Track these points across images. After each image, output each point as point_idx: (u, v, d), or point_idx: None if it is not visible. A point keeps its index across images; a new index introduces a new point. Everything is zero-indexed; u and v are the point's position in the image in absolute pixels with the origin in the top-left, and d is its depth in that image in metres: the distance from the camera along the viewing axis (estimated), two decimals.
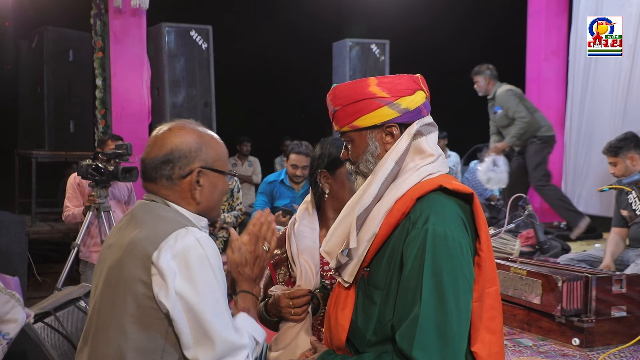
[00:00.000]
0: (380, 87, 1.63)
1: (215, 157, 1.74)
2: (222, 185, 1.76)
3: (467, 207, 1.59)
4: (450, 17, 9.14)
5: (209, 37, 6.47)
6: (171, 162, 1.69)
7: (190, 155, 1.69)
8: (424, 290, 1.44)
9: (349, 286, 1.64)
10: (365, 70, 7.21)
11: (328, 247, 1.69)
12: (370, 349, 1.56)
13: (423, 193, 1.55)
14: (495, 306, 1.57)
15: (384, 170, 1.59)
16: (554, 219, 7.09)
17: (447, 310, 1.44)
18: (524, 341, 2.75)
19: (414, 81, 1.66)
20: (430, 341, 1.42)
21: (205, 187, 1.71)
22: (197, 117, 6.45)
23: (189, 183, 1.69)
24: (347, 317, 1.61)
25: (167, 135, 1.73)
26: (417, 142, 1.62)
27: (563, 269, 2.97)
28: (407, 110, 1.63)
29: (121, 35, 6.03)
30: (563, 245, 5.07)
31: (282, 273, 2.24)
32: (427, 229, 1.49)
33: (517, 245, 4.41)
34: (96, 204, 4.43)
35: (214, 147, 1.75)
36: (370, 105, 1.62)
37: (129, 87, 6.09)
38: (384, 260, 1.57)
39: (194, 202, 1.71)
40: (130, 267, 1.58)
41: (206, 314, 1.54)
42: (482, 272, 1.55)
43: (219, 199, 1.77)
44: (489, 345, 1.53)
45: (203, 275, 1.56)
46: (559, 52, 7.28)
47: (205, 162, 1.71)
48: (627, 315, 2.76)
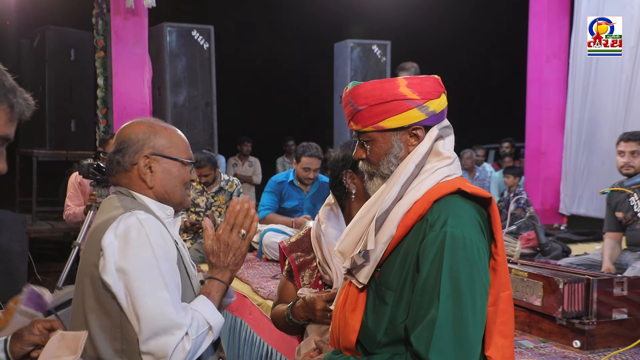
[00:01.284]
0: (411, 89, 1.59)
1: (167, 144, 1.85)
2: (177, 172, 1.86)
3: (484, 211, 1.58)
4: (452, 19, 9.15)
5: (210, 37, 6.48)
6: (121, 151, 1.83)
7: (138, 144, 1.83)
8: (441, 293, 1.44)
9: (362, 287, 1.62)
10: (366, 71, 7.22)
11: (342, 247, 1.67)
12: (381, 350, 1.55)
13: (441, 195, 1.54)
14: (508, 310, 1.57)
15: (405, 173, 1.58)
16: (554, 221, 7.09)
17: (463, 314, 1.43)
18: (524, 343, 2.75)
19: (439, 83, 1.65)
20: (446, 345, 1.41)
21: (157, 173, 1.83)
22: (198, 117, 6.46)
23: (139, 168, 1.83)
24: (357, 319, 1.60)
25: (121, 129, 1.89)
26: (436, 145, 1.62)
27: (564, 271, 2.97)
28: (434, 112, 1.61)
29: (123, 34, 6.03)
30: (564, 247, 5.06)
31: (306, 276, 2.24)
32: (445, 232, 1.48)
33: (518, 247, 4.40)
34: (97, 203, 4.43)
35: (166, 135, 1.87)
36: (400, 106, 1.59)
37: (130, 87, 6.10)
38: (397, 261, 1.56)
39: (146, 187, 1.83)
40: (88, 254, 1.73)
41: (139, 290, 1.61)
42: (498, 277, 1.55)
43: (176, 184, 1.86)
44: (502, 349, 1.53)
45: (141, 253, 1.64)
46: (560, 53, 7.28)
47: (154, 149, 1.83)
48: (629, 318, 2.75)
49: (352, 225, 1.66)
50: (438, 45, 8.92)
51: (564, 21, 7.28)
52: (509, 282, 1.59)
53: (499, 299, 1.54)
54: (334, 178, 2.20)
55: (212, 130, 6.56)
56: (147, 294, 1.60)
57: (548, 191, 7.36)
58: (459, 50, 8.91)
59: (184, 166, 1.87)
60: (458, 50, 8.91)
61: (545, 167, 7.33)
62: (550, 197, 7.36)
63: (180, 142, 1.88)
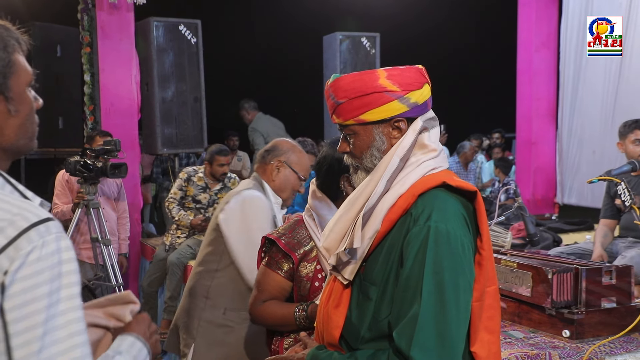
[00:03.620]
0: (391, 80, 1.56)
1: (296, 161, 2.77)
2: (293, 181, 2.79)
3: (469, 204, 1.56)
4: (440, 9, 9.14)
5: (198, 31, 6.42)
6: (270, 151, 2.81)
7: (280, 152, 2.80)
8: (424, 288, 1.42)
9: (347, 284, 1.60)
10: (355, 64, 7.19)
11: (327, 244, 1.64)
12: (364, 346, 1.53)
13: (425, 189, 1.52)
14: (494, 305, 1.55)
15: (389, 167, 1.55)
16: (545, 211, 7.11)
17: (447, 310, 1.42)
18: (514, 333, 2.75)
19: (421, 74, 1.61)
20: (429, 341, 1.39)
21: (280, 175, 2.80)
22: (187, 112, 6.42)
23: (272, 167, 2.79)
24: (341, 314, 1.58)
25: (278, 140, 2.87)
26: (420, 137, 1.59)
27: (553, 261, 2.97)
28: (416, 104, 1.58)
29: (109, 30, 5.97)
30: (554, 237, 5.06)
31: (305, 269, 2.23)
32: (429, 226, 1.46)
33: (509, 237, 4.40)
34: (85, 201, 4.40)
35: (299, 156, 2.79)
36: (380, 99, 1.56)
37: (117, 83, 6.04)
38: (381, 255, 1.54)
39: (270, 179, 2.81)
40: (217, 209, 2.96)
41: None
42: (483, 271, 1.53)
43: (287, 188, 2.79)
44: (488, 345, 1.52)
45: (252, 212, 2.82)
46: (549, 43, 7.28)
47: (286, 160, 2.78)
48: (617, 307, 2.76)
49: (335, 221, 1.64)
50: (427, 36, 8.91)
51: (553, 10, 7.27)
52: (495, 277, 1.57)
53: (484, 294, 1.52)
54: (330, 181, 2.21)
55: (201, 125, 6.51)
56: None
57: (539, 181, 7.37)
58: (447, 41, 8.90)
59: (298, 180, 2.80)
60: (447, 41, 8.90)
61: (536, 157, 7.33)
62: (542, 187, 7.38)
63: (304, 164, 2.80)
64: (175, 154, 6.50)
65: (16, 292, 1.03)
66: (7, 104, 1.18)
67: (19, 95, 1.21)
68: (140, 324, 1.40)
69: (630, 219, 4.04)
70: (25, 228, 1.07)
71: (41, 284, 1.04)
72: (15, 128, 1.20)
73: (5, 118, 1.18)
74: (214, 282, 2.82)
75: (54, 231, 1.09)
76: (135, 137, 6.19)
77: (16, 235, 1.06)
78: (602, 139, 6.44)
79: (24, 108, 1.22)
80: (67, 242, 1.10)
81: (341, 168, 2.13)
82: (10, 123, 1.19)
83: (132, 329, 1.38)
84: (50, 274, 1.05)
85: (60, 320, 1.06)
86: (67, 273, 1.08)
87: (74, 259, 1.11)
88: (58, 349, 1.04)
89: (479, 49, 9.67)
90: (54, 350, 1.04)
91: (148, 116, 6.32)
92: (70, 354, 1.05)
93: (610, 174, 3.41)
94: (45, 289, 1.04)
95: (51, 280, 1.05)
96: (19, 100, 1.21)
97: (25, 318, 1.03)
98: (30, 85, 1.26)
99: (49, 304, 1.04)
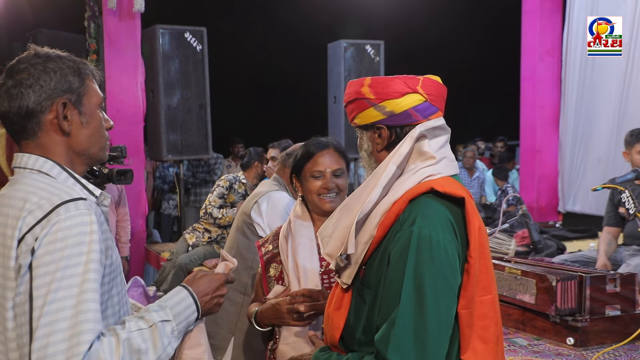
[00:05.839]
0: (370, 88, 1.63)
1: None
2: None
3: (459, 211, 1.56)
4: (445, 18, 9.17)
5: (203, 38, 6.47)
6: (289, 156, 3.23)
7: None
8: (403, 293, 1.43)
9: (347, 287, 1.63)
10: (360, 71, 7.21)
11: (329, 250, 1.67)
12: (360, 349, 1.56)
13: (415, 195, 1.53)
14: (490, 315, 1.53)
15: (385, 174, 1.57)
16: (549, 219, 7.10)
17: (425, 315, 1.42)
18: (518, 341, 2.75)
19: (407, 84, 1.62)
20: (406, 344, 1.40)
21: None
22: (192, 118, 6.45)
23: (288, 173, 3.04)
24: (342, 317, 1.61)
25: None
26: (419, 145, 1.60)
27: (557, 269, 2.97)
28: (392, 113, 1.61)
29: (115, 37, 6.01)
30: (558, 244, 5.07)
31: (272, 269, 2.26)
32: (412, 231, 1.47)
33: (513, 245, 4.41)
34: None
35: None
36: (360, 105, 1.65)
37: (123, 90, 6.08)
38: (376, 260, 1.56)
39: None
40: (244, 206, 3.36)
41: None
42: (472, 279, 1.51)
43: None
44: (481, 354, 1.51)
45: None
46: (553, 51, 7.29)
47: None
48: (622, 314, 2.76)
49: (334, 226, 1.66)
50: (431, 44, 8.93)
51: (557, 19, 7.29)
52: (491, 286, 1.55)
53: (474, 302, 1.51)
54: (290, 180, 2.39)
55: (206, 132, 6.54)
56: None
57: (543, 189, 7.37)
58: (452, 48, 8.92)
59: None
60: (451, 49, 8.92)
61: (540, 165, 7.34)
62: (546, 195, 7.38)
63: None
64: (180, 160, 6.53)
65: (41, 253, 1.32)
66: (80, 117, 1.50)
67: (90, 112, 1.53)
68: (207, 283, 1.62)
69: (634, 227, 4.04)
70: (57, 204, 1.36)
71: (62, 248, 1.32)
72: (87, 137, 1.52)
73: (78, 127, 1.50)
74: (250, 280, 3.03)
75: (82, 207, 1.37)
76: (140, 144, 6.22)
77: (50, 210, 1.35)
78: (608, 146, 6.41)
79: (94, 122, 1.53)
80: (92, 218, 1.36)
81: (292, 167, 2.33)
82: (82, 132, 1.51)
83: (197, 284, 1.60)
84: (71, 241, 1.33)
85: (75, 280, 1.31)
86: (87, 242, 1.34)
87: (96, 232, 1.36)
88: (70, 303, 1.29)
89: (483, 56, 9.68)
90: (67, 304, 1.29)
91: (153, 123, 6.35)
92: (79, 307, 1.29)
93: (615, 181, 3.41)
94: (64, 252, 1.32)
95: (71, 246, 1.32)
96: (90, 115, 1.53)
97: (46, 275, 1.31)
98: (100, 106, 1.57)
99: (66, 265, 1.31)
